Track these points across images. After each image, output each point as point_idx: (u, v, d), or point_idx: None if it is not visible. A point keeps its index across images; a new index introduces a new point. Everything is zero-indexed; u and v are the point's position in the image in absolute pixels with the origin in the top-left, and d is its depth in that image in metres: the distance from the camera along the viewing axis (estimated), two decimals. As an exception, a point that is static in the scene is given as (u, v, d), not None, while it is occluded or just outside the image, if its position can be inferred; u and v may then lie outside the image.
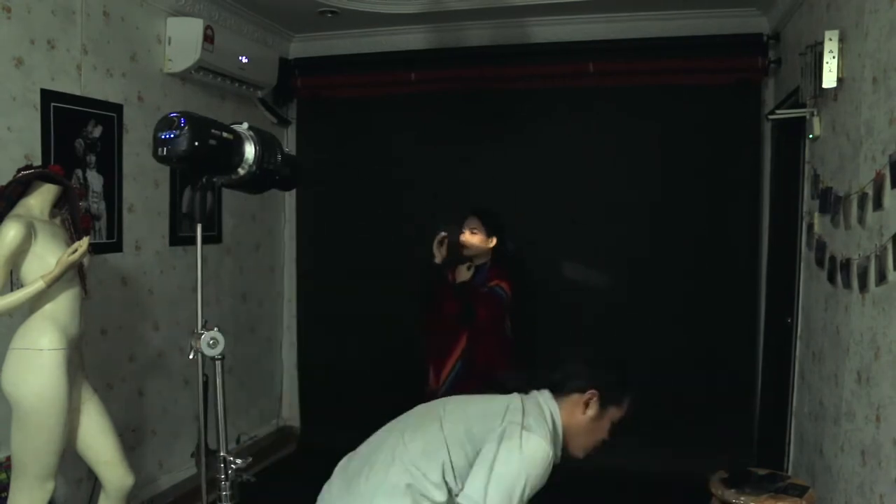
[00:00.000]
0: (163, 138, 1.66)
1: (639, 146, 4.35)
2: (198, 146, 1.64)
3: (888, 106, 2.29)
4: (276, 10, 4.40)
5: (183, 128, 1.64)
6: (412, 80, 4.60)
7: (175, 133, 1.64)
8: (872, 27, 2.45)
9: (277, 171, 1.84)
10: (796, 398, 3.45)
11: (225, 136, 1.72)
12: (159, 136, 1.67)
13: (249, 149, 1.77)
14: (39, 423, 2.46)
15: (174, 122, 1.65)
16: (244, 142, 1.77)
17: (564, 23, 4.40)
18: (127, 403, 3.60)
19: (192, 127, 1.64)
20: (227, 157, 1.74)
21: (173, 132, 1.64)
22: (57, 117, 3.11)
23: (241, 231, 4.59)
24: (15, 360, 2.48)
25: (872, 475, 2.32)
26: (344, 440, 2.12)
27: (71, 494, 3.18)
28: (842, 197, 2.70)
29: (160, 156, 1.68)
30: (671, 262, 4.32)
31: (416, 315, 3.59)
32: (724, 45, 4.16)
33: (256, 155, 1.78)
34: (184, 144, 1.64)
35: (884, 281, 2.25)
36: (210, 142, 1.67)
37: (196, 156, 1.66)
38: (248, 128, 1.81)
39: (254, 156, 1.77)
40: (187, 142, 1.63)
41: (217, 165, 1.75)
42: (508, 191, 4.42)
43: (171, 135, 1.65)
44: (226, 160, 1.74)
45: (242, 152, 1.77)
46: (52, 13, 3.09)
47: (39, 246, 2.48)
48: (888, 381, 2.21)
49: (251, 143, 1.78)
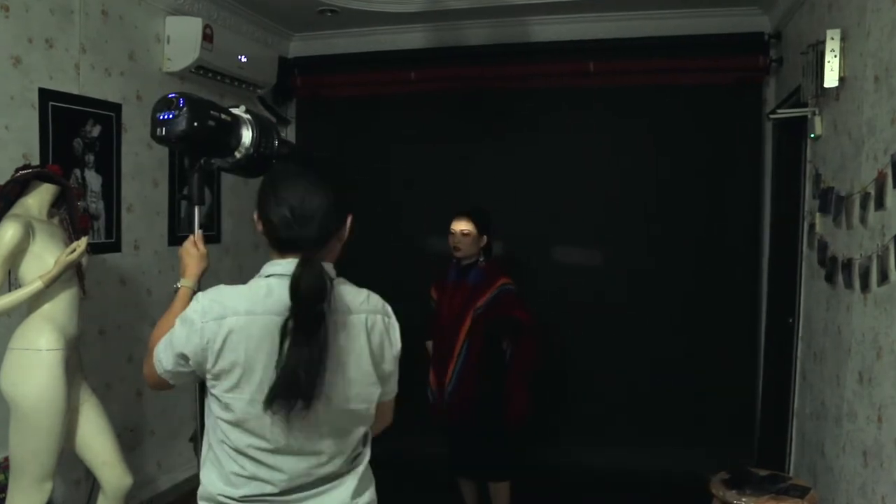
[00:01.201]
0: (161, 119, 1.66)
1: (639, 146, 4.34)
2: (196, 126, 1.64)
3: (890, 105, 2.28)
4: (275, 10, 4.39)
5: (182, 108, 1.63)
6: (412, 80, 4.60)
7: (174, 113, 1.64)
8: (874, 26, 2.44)
9: (274, 155, 1.83)
10: (798, 398, 3.44)
11: (223, 117, 1.72)
12: (158, 116, 1.67)
13: (246, 132, 1.77)
14: (38, 424, 2.45)
15: (173, 103, 1.65)
16: (241, 124, 1.77)
17: (565, 22, 4.39)
18: (125, 404, 3.59)
19: (190, 107, 1.64)
20: (225, 138, 1.73)
21: (172, 112, 1.64)
22: (55, 117, 3.10)
23: (240, 231, 4.58)
24: (13, 360, 2.47)
25: (874, 476, 2.31)
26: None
27: (69, 495, 3.17)
28: (843, 197, 2.69)
29: (158, 136, 1.68)
30: (672, 262, 4.31)
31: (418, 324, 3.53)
32: (725, 45, 4.16)
33: (254, 138, 1.77)
34: (182, 125, 1.63)
35: (886, 281, 2.24)
36: (209, 122, 1.67)
37: (194, 136, 1.65)
38: (245, 111, 1.81)
39: (251, 139, 1.77)
40: (186, 122, 1.63)
41: (215, 147, 1.74)
42: (508, 190, 4.42)
43: (169, 115, 1.64)
44: (224, 142, 1.74)
45: (240, 135, 1.76)
46: (50, 12, 3.08)
47: (38, 246, 2.47)
48: (890, 381, 2.20)
49: (248, 127, 1.77)
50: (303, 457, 1.44)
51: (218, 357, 1.39)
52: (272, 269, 1.45)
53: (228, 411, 1.42)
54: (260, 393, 1.37)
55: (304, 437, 1.42)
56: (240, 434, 1.42)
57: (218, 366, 1.40)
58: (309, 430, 1.42)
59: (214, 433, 1.47)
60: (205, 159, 1.75)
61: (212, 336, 1.39)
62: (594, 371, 4.38)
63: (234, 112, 1.78)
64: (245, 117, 1.78)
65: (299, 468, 1.44)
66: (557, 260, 4.52)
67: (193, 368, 1.44)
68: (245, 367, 1.39)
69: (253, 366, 1.38)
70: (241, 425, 1.41)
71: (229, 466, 1.44)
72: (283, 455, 1.43)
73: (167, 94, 1.67)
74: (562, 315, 4.41)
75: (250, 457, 1.43)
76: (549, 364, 4.22)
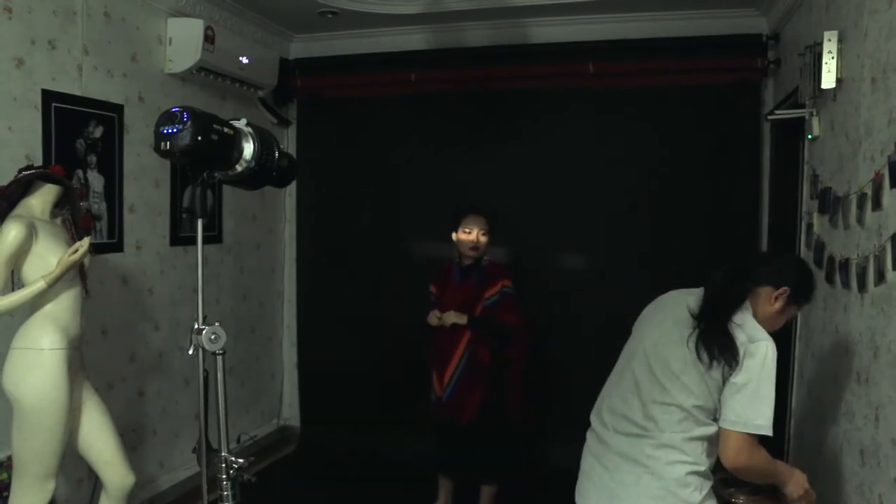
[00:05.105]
0: (165, 133, 1.67)
1: (638, 146, 4.35)
2: (200, 140, 1.65)
3: (887, 106, 2.29)
4: (276, 11, 4.40)
5: (186, 122, 1.64)
6: (412, 81, 4.61)
7: (178, 127, 1.64)
8: (871, 28, 2.45)
9: (274, 167, 1.84)
10: (795, 398, 3.46)
11: (226, 130, 1.73)
12: (161, 130, 1.68)
13: (248, 145, 1.78)
14: (40, 423, 2.47)
15: (176, 117, 1.66)
16: (243, 137, 1.78)
17: (564, 23, 4.41)
18: (127, 403, 3.61)
19: (194, 121, 1.65)
20: (227, 151, 1.75)
21: (176, 126, 1.65)
22: (58, 118, 3.12)
23: (241, 231, 4.60)
24: (16, 359, 2.49)
25: (872, 475, 2.32)
26: (344, 440, 2.11)
27: (72, 494, 3.19)
28: (841, 197, 2.71)
29: (162, 150, 1.68)
30: (671, 261, 4.32)
31: (418, 324, 3.56)
32: (723, 46, 4.17)
33: (255, 151, 1.78)
34: (186, 139, 1.64)
35: (883, 281, 2.26)
36: (212, 136, 1.68)
37: (198, 150, 1.66)
38: (246, 124, 1.82)
39: (252, 152, 1.78)
40: (190, 136, 1.64)
41: (217, 160, 1.75)
42: (508, 191, 4.43)
43: (173, 129, 1.65)
44: (226, 155, 1.75)
45: (242, 148, 1.78)
46: (53, 13, 3.10)
47: (40, 246, 2.49)
48: (887, 380, 2.22)
49: (250, 140, 1.79)
50: None
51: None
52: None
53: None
54: None
55: None
56: None
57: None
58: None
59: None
60: (207, 172, 1.77)
61: None
62: (595, 372, 4.38)
63: (236, 125, 1.79)
64: (246, 130, 1.80)
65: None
66: (557, 261, 4.53)
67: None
68: None
69: None
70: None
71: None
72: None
73: (170, 109, 1.68)
74: (562, 315, 4.43)
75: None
76: (549, 364, 4.25)
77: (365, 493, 4.00)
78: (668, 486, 1.86)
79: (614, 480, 1.92)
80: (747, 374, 1.86)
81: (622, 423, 1.96)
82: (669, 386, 1.90)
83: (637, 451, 1.90)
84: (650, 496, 1.86)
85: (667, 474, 1.86)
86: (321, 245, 4.93)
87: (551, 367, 4.29)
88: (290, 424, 5.12)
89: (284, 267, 5.14)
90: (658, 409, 1.90)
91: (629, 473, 1.90)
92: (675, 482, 1.86)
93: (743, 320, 1.94)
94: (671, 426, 1.88)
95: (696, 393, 1.88)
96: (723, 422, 1.87)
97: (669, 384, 1.90)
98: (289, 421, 5.14)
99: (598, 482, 1.97)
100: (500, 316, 3.23)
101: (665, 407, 1.90)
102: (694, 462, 1.88)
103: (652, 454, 1.88)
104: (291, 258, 5.12)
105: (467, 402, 3.24)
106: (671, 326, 1.98)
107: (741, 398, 1.86)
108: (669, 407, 1.89)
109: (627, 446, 1.93)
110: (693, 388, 1.88)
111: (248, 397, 4.74)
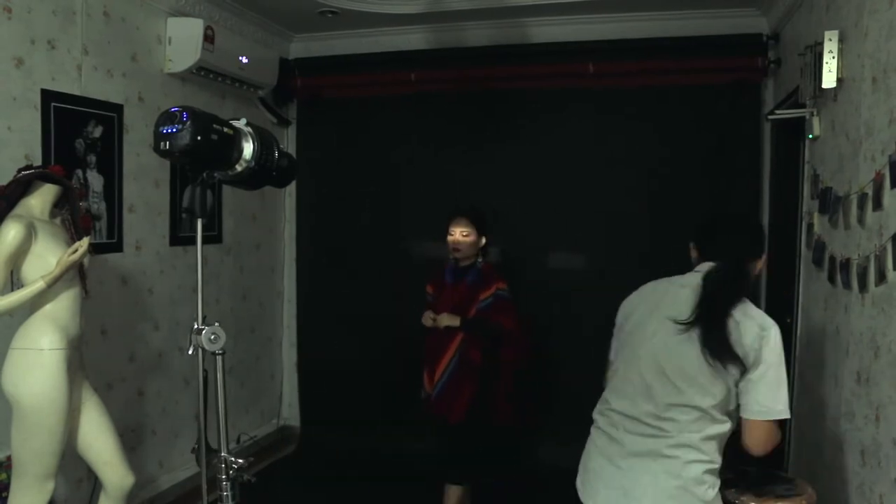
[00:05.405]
0: (164, 132, 1.66)
1: (638, 146, 4.35)
2: (200, 140, 1.65)
3: (888, 106, 2.29)
4: (276, 11, 4.40)
5: (185, 122, 1.64)
6: (412, 81, 4.61)
7: (177, 127, 1.64)
8: (872, 27, 2.45)
9: (274, 167, 1.84)
10: (796, 398, 3.45)
11: (225, 130, 1.72)
12: (161, 130, 1.67)
13: (248, 145, 1.78)
14: (40, 423, 2.46)
15: (176, 117, 1.65)
16: (243, 138, 1.78)
17: (564, 23, 4.41)
18: (127, 403, 3.61)
19: (194, 121, 1.65)
20: (227, 151, 1.74)
21: (175, 126, 1.64)
22: (57, 117, 3.12)
23: (241, 231, 4.60)
24: (15, 359, 2.48)
25: (872, 475, 2.32)
26: (344, 440, 2.11)
27: (71, 494, 3.18)
28: (841, 197, 2.70)
29: (162, 150, 1.68)
30: (671, 261, 4.29)
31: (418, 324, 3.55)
32: (723, 46, 4.16)
33: (255, 151, 1.78)
34: (186, 139, 1.64)
35: (883, 281, 2.26)
36: (212, 136, 1.67)
37: (198, 150, 1.66)
38: (246, 124, 1.82)
39: (252, 152, 1.78)
40: (190, 136, 1.64)
41: (217, 160, 1.75)
42: (508, 191, 4.43)
43: (173, 129, 1.65)
44: (226, 155, 1.75)
45: (241, 148, 1.77)
46: (52, 13, 3.09)
47: (40, 246, 2.49)
48: (888, 380, 2.22)
49: (250, 140, 1.78)
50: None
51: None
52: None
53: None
54: None
55: None
56: None
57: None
58: None
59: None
60: (207, 172, 1.76)
61: None
62: (595, 372, 4.37)
63: (236, 125, 1.79)
64: (246, 130, 1.79)
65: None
66: (557, 261, 4.53)
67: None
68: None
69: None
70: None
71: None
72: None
73: (170, 108, 1.68)
74: (562, 315, 4.43)
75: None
76: (549, 365, 4.25)
77: (365, 493, 4.00)
78: (685, 485, 1.88)
79: (628, 479, 1.93)
80: (767, 363, 1.88)
81: (635, 424, 1.97)
82: (685, 388, 1.91)
83: (655, 451, 1.91)
84: (668, 495, 1.88)
85: (685, 473, 1.88)
86: (321, 245, 4.93)
87: (551, 367, 4.29)
88: (290, 424, 5.12)
89: (284, 267, 5.14)
90: (674, 410, 1.92)
91: (646, 473, 1.91)
92: (693, 481, 1.88)
93: (745, 310, 1.94)
94: (688, 426, 1.90)
95: (714, 392, 1.90)
96: (747, 413, 1.90)
97: (685, 386, 1.91)
98: (289, 421, 5.14)
99: (610, 482, 1.97)
100: (493, 318, 3.23)
101: (681, 408, 1.91)
102: (710, 460, 1.91)
103: (670, 453, 1.90)
104: (291, 258, 5.12)
105: (456, 401, 3.22)
106: (674, 326, 1.97)
107: (763, 388, 1.88)
108: (685, 408, 1.91)
109: (644, 446, 1.93)
110: (710, 387, 1.89)
111: (247, 397, 4.73)
